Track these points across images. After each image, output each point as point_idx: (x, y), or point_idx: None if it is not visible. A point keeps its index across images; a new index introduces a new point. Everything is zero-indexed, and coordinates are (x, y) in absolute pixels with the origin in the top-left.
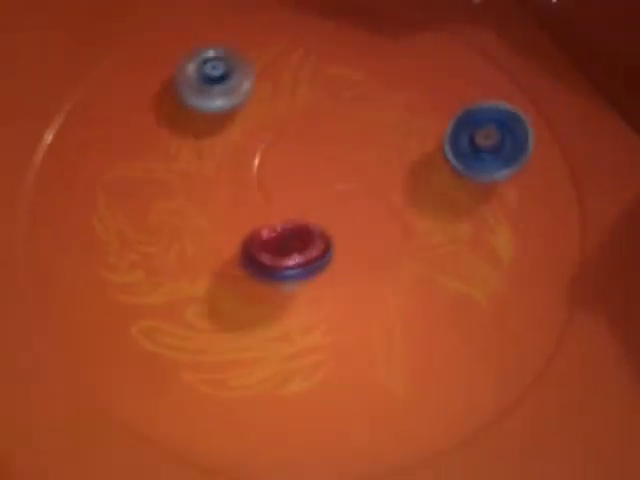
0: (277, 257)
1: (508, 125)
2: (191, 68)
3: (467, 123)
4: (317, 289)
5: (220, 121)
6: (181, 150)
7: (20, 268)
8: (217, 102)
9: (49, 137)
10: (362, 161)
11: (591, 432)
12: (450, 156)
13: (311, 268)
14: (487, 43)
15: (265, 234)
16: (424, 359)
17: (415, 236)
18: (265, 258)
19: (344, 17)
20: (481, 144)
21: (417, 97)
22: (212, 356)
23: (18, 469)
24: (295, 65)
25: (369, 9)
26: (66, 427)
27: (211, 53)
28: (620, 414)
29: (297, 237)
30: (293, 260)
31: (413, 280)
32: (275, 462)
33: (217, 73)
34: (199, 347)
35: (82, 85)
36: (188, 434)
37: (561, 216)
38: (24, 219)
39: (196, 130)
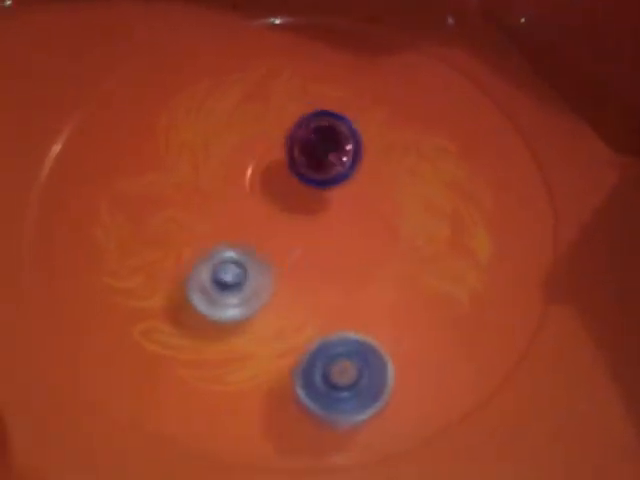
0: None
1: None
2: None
3: (320, 357)
4: (308, 290)
5: (214, 139)
6: (178, 164)
7: (27, 274)
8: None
9: (56, 150)
10: None
11: (563, 423)
12: (303, 396)
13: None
14: (462, 61)
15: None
16: (409, 353)
17: (399, 239)
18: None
19: (328, 39)
20: (336, 381)
21: (396, 112)
22: (208, 354)
23: (25, 464)
24: (283, 84)
25: (352, 31)
26: (71, 423)
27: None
28: (592, 406)
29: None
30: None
31: (399, 280)
32: (270, 449)
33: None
34: (195, 346)
35: (87, 103)
36: (186, 426)
37: (535, 218)
38: (32, 228)
39: (192, 145)
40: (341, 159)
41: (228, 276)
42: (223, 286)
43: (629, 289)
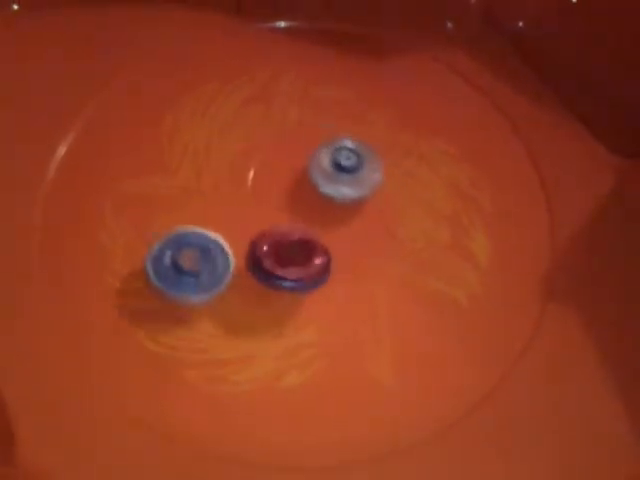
0: (277, 265)
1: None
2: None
3: (172, 244)
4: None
5: (216, 142)
6: (181, 167)
7: (34, 275)
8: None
9: (62, 151)
10: None
11: (560, 423)
12: (151, 274)
13: (307, 285)
14: (462, 64)
15: (271, 239)
16: (410, 353)
17: (400, 241)
18: (267, 264)
19: (330, 43)
20: (184, 266)
21: (397, 115)
22: (213, 354)
23: (32, 463)
24: (285, 87)
25: (354, 35)
26: (78, 423)
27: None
28: (589, 407)
29: (300, 249)
30: (293, 274)
31: (399, 281)
32: (273, 448)
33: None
34: (201, 347)
35: (92, 106)
36: (192, 425)
37: (533, 220)
38: (37, 230)
39: (194, 149)
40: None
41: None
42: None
43: (626, 290)
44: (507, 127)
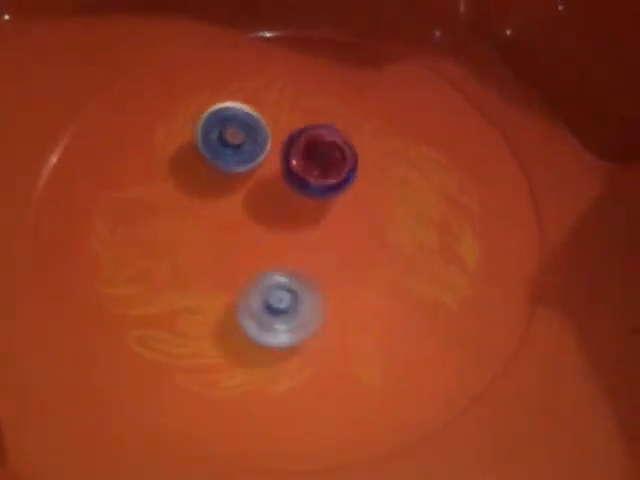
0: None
1: (251, 127)
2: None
3: (217, 120)
4: None
5: None
6: (173, 173)
7: (26, 282)
8: None
9: (53, 160)
10: None
11: (549, 425)
12: (201, 145)
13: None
14: (452, 72)
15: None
16: (400, 357)
17: (390, 247)
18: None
19: (321, 52)
20: (228, 140)
21: (388, 122)
22: (202, 360)
23: (22, 468)
24: (275, 96)
25: (344, 45)
26: (69, 428)
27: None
28: (578, 408)
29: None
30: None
31: (388, 285)
32: (266, 451)
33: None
34: (192, 352)
35: (84, 114)
36: (185, 429)
37: (521, 224)
38: (29, 236)
39: (184, 156)
40: (339, 169)
41: (281, 303)
42: (275, 312)
43: (615, 292)
44: (496, 134)
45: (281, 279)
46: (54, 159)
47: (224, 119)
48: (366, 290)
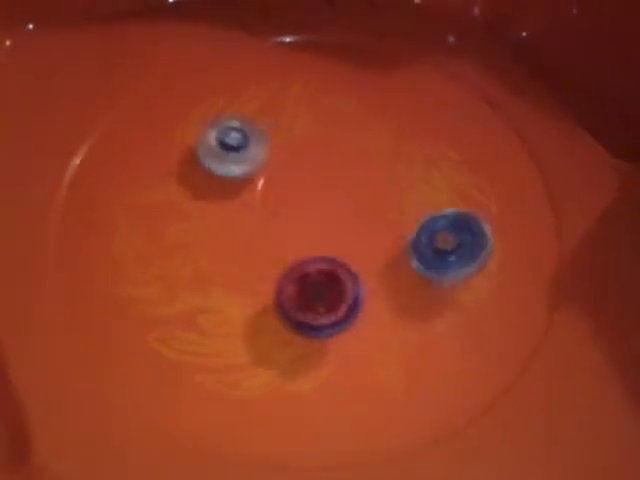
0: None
1: (463, 225)
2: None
3: (427, 229)
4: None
5: None
6: (191, 176)
7: (49, 283)
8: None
9: (75, 163)
10: (355, 183)
11: (570, 427)
12: (415, 262)
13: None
14: (466, 74)
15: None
16: (418, 358)
17: (406, 247)
18: (301, 317)
19: (336, 55)
20: (441, 247)
21: (404, 125)
22: (224, 360)
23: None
24: (293, 98)
25: (359, 48)
26: (91, 427)
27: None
28: (599, 410)
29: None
30: (328, 319)
31: (404, 286)
32: (285, 451)
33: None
34: (212, 352)
35: (104, 120)
36: (205, 430)
37: (539, 225)
38: (53, 237)
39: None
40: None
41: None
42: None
43: (633, 292)
44: (512, 134)
45: (234, 122)
46: (76, 163)
47: None
48: (384, 291)
